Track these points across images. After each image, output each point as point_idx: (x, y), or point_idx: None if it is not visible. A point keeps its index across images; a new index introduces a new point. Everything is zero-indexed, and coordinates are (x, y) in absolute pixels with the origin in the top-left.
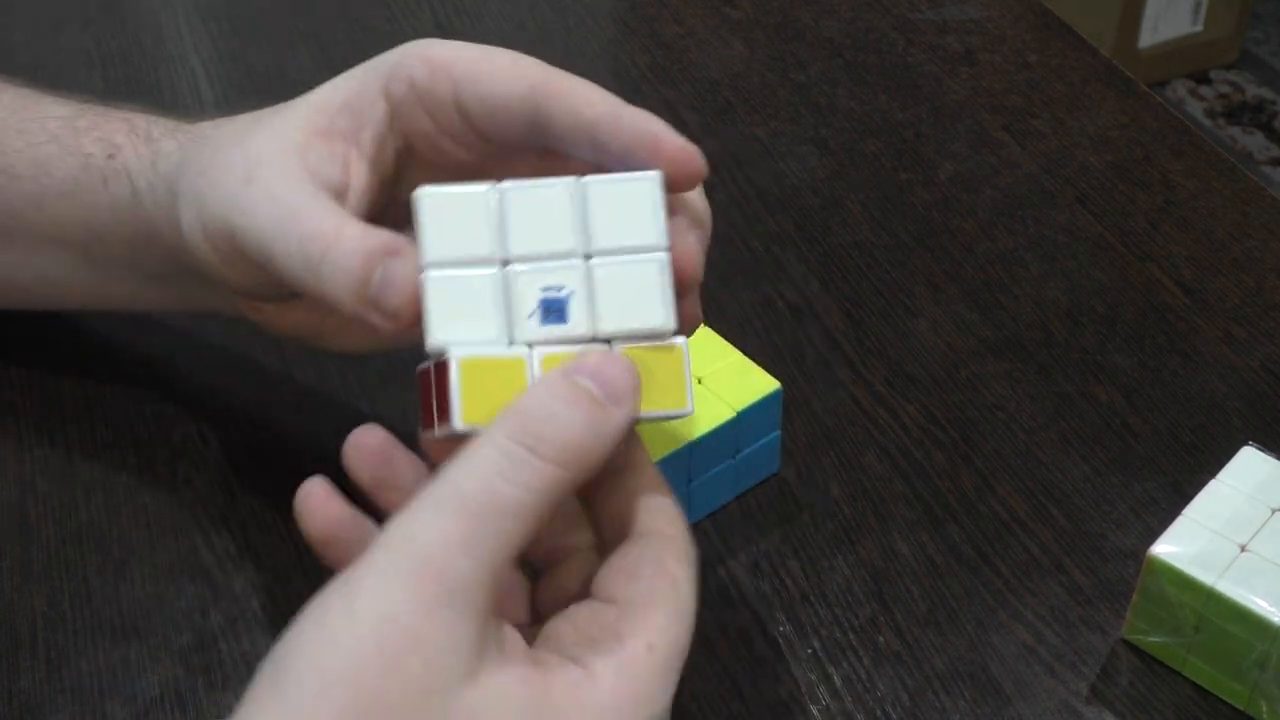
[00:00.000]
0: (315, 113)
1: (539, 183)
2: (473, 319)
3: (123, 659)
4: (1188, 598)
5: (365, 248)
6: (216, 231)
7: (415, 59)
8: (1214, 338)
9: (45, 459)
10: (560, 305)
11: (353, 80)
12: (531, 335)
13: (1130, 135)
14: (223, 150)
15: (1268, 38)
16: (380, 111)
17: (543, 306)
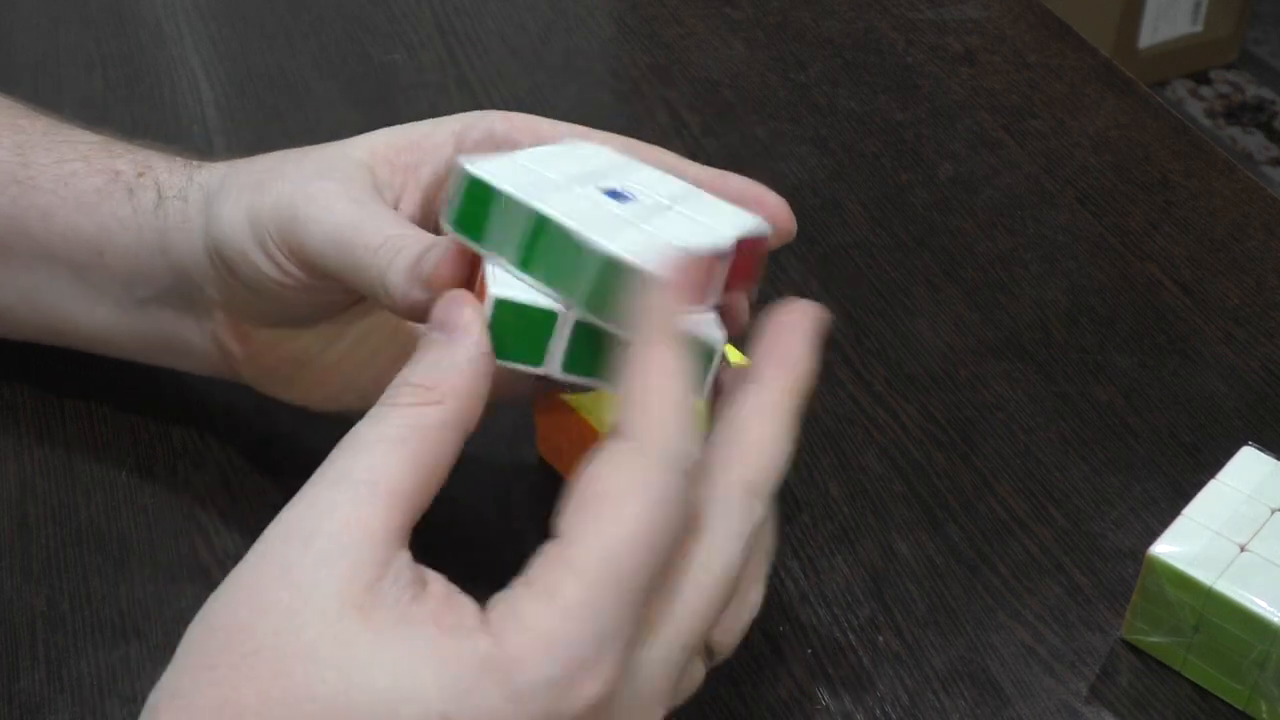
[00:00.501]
0: (383, 144)
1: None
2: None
3: (123, 659)
4: (1187, 597)
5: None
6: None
7: (499, 117)
8: (1214, 338)
9: (45, 459)
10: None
11: (425, 123)
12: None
13: (1130, 135)
14: (291, 156)
15: (1268, 38)
16: (446, 154)
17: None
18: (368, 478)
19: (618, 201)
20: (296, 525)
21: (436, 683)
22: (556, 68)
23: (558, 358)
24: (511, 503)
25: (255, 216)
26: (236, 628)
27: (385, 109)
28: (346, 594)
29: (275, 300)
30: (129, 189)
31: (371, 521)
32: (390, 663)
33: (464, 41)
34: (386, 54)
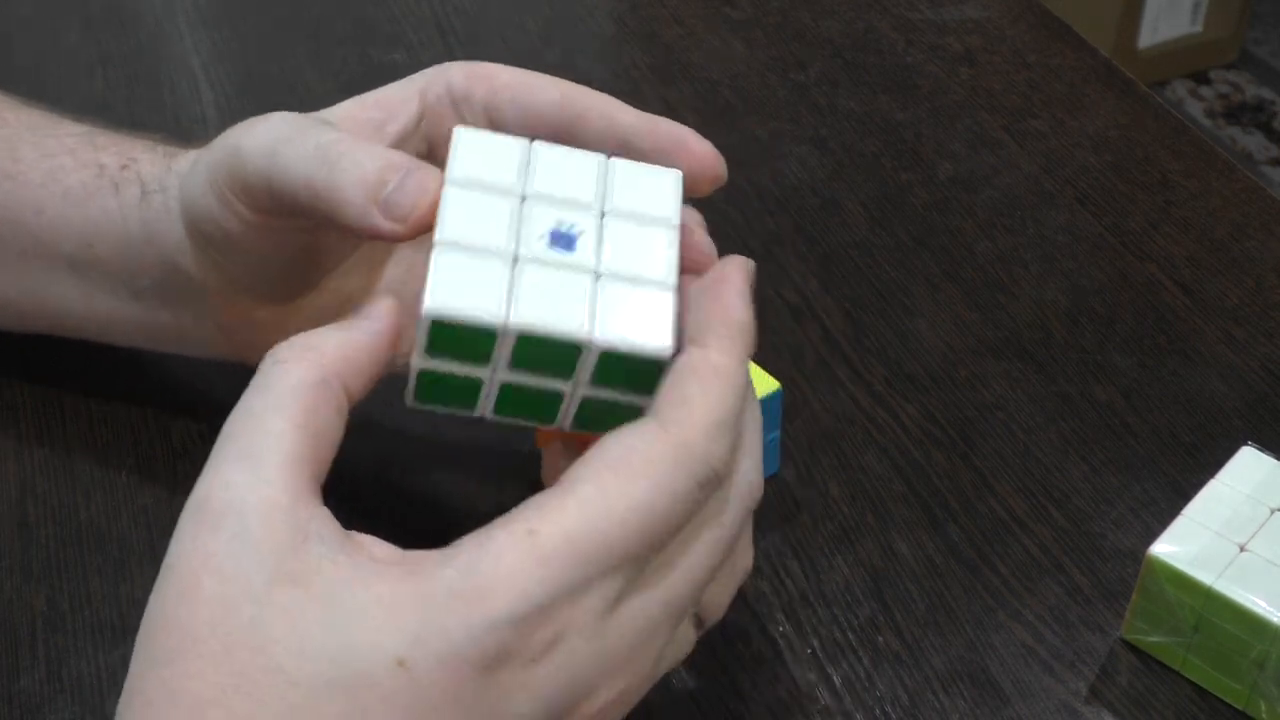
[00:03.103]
0: (348, 105)
1: (571, 149)
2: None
3: (123, 659)
4: (1187, 597)
5: (389, 158)
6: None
7: (457, 68)
8: (1213, 338)
9: (45, 459)
10: (570, 238)
11: (388, 88)
12: (534, 252)
13: (1130, 135)
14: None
15: (1267, 38)
16: (411, 110)
17: (552, 234)
18: (259, 448)
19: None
20: (204, 510)
21: (389, 622)
22: (556, 68)
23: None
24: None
25: (210, 170)
26: (176, 624)
27: None
28: (273, 568)
29: (252, 260)
30: (114, 183)
31: (272, 493)
32: (340, 621)
33: (464, 41)
34: (386, 54)
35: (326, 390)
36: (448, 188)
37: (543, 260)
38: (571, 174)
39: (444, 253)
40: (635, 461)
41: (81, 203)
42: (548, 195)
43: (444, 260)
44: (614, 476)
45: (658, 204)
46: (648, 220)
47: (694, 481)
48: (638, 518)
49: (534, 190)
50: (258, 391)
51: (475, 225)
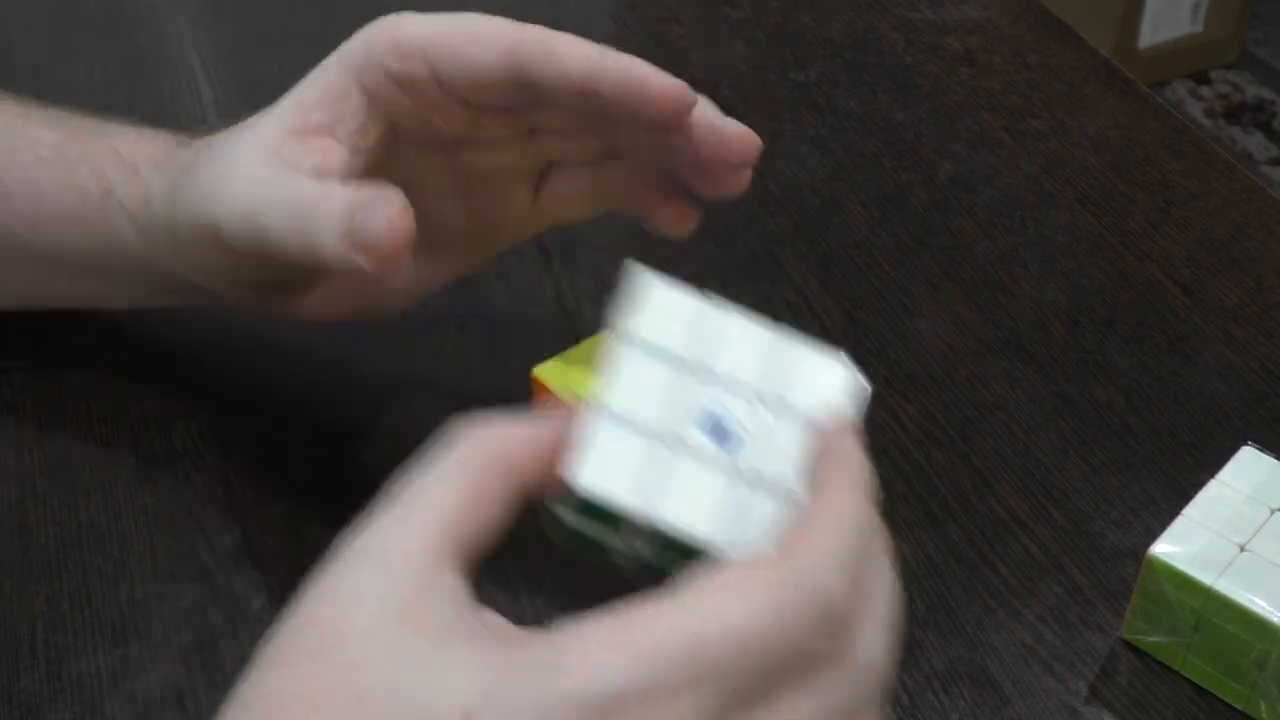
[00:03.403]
0: (288, 114)
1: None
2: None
3: (123, 659)
4: (1187, 597)
5: (352, 197)
6: (206, 236)
7: (384, 45)
8: (1213, 338)
9: (45, 459)
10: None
11: (324, 76)
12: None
13: (1130, 135)
14: (205, 168)
15: (1267, 38)
16: (357, 103)
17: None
18: (415, 504)
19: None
20: (350, 550)
21: (468, 679)
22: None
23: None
24: None
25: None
26: (298, 633)
27: None
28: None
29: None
30: (103, 215)
31: (417, 547)
32: (432, 664)
33: None
34: None
35: (499, 474)
36: (618, 343)
37: (689, 447)
38: (739, 344)
39: (602, 422)
40: (743, 580)
41: (75, 226)
42: (710, 368)
43: (601, 432)
44: (718, 590)
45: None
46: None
47: (803, 612)
48: (735, 633)
49: (698, 359)
50: (432, 459)
51: (634, 395)
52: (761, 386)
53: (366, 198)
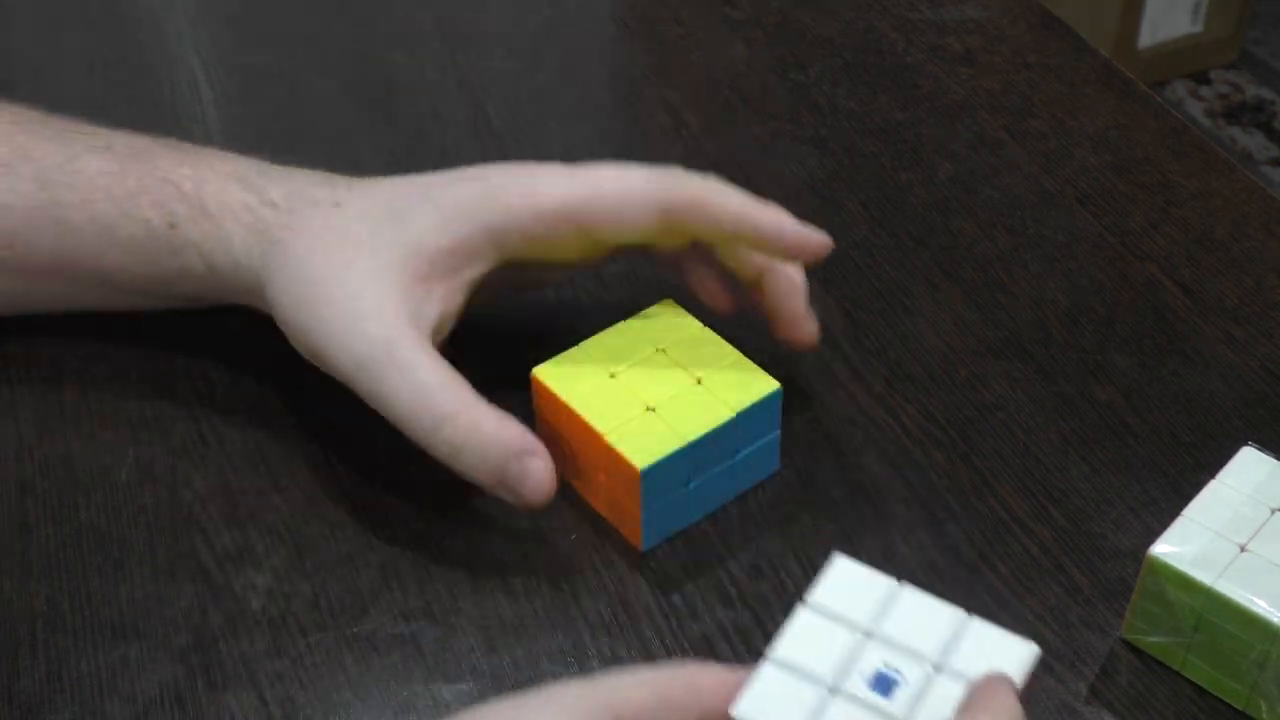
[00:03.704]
0: (416, 259)
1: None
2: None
3: (122, 659)
4: (1187, 598)
5: (505, 445)
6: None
7: (522, 214)
8: (1214, 338)
9: (45, 459)
10: (890, 682)
11: (458, 227)
12: (851, 688)
13: (1130, 135)
14: (318, 285)
15: (1267, 38)
16: (486, 260)
17: (875, 675)
18: None
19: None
20: None
21: None
22: (556, 68)
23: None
24: None
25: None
26: None
27: (385, 109)
28: None
29: None
30: (170, 249)
31: None
32: None
33: (464, 41)
34: (386, 54)
35: None
36: (801, 608)
37: (854, 697)
38: (924, 623)
39: (771, 667)
40: None
41: (143, 260)
42: (891, 638)
43: (767, 674)
44: None
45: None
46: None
47: None
48: None
49: (881, 631)
50: None
51: (809, 649)
52: (940, 658)
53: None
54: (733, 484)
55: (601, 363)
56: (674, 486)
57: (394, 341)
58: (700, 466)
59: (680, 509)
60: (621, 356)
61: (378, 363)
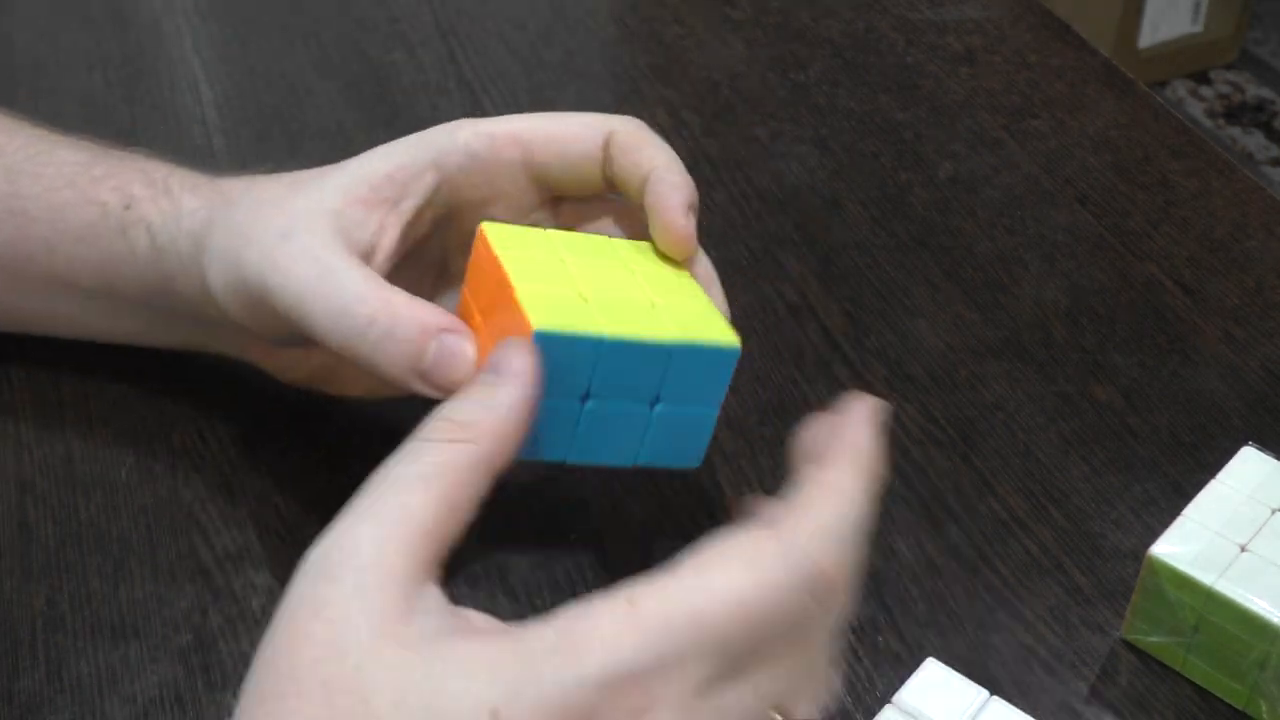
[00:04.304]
0: (357, 181)
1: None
2: None
3: (122, 659)
4: (1187, 598)
5: (421, 322)
6: (251, 287)
7: (469, 134)
8: (1214, 338)
9: (45, 459)
10: None
11: (401, 151)
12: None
13: (1130, 135)
14: (259, 210)
15: (1268, 38)
16: (427, 183)
17: None
18: (393, 515)
19: None
20: (325, 561)
21: (488, 678)
22: (556, 68)
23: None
24: None
25: (238, 287)
26: (283, 662)
27: (385, 109)
28: (378, 626)
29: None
30: (121, 227)
31: (394, 558)
32: (438, 673)
33: (464, 41)
34: (386, 54)
35: (474, 473)
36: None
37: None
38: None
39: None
40: (740, 554)
41: (91, 243)
42: None
43: None
44: (718, 563)
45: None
46: None
47: (798, 581)
48: (736, 604)
49: None
50: (405, 462)
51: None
52: None
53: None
54: (638, 443)
55: (557, 250)
56: (567, 388)
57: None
58: (607, 385)
59: (565, 426)
60: (583, 254)
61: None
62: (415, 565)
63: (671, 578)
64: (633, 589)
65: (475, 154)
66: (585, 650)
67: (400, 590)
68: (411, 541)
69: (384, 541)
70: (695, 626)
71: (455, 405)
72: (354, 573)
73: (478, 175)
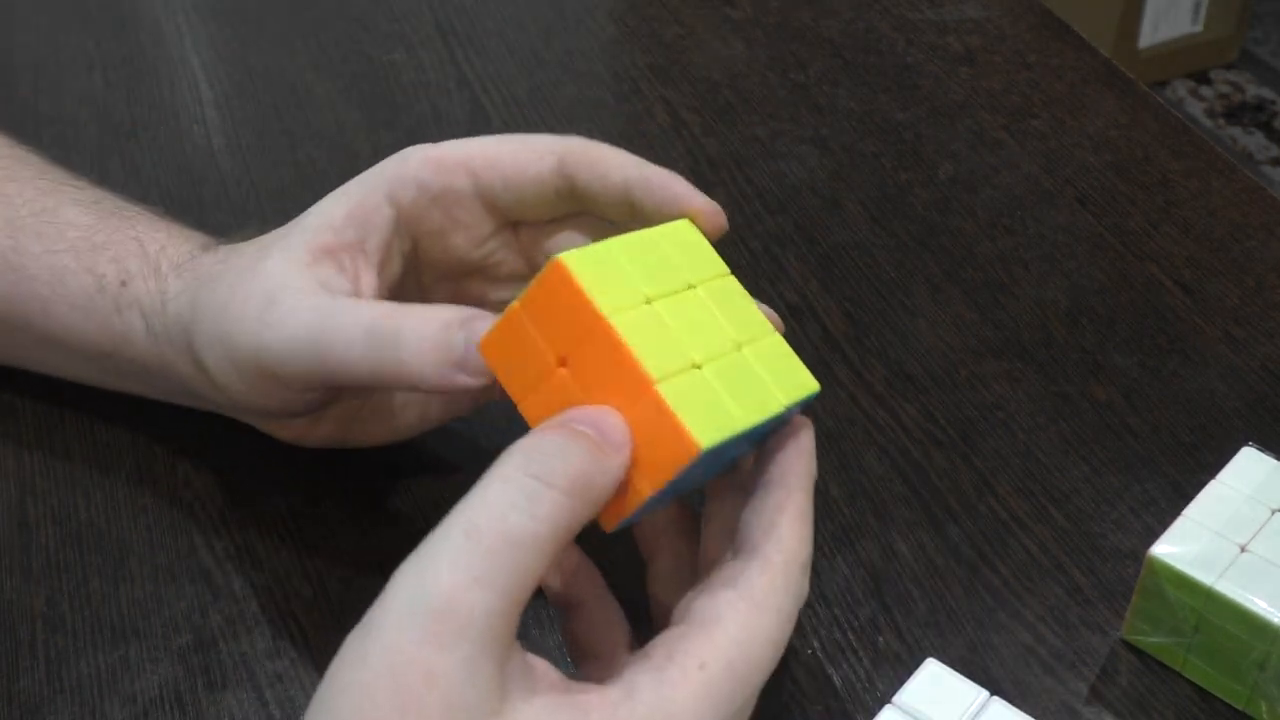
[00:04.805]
0: (317, 232)
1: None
2: None
3: (123, 659)
4: (1187, 598)
5: (441, 316)
6: (248, 363)
7: (418, 163)
8: (1214, 338)
9: (45, 459)
10: None
11: (354, 192)
12: None
13: (1130, 135)
14: (237, 286)
15: (1268, 38)
16: (385, 218)
17: None
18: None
19: None
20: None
21: None
22: (556, 68)
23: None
24: None
25: (238, 366)
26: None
27: (385, 109)
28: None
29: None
30: (116, 305)
31: (505, 630)
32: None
33: (464, 41)
34: (386, 54)
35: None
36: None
37: None
38: None
39: None
40: (760, 594)
41: (88, 315)
42: None
43: None
44: (749, 608)
45: None
46: None
47: (796, 609)
48: (774, 644)
49: None
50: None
51: None
52: None
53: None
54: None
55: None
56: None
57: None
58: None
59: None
60: (654, 278)
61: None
62: (513, 630)
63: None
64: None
65: (425, 184)
66: None
67: (502, 658)
68: (518, 610)
69: (499, 614)
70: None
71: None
72: (468, 644)
73: (431, 205)
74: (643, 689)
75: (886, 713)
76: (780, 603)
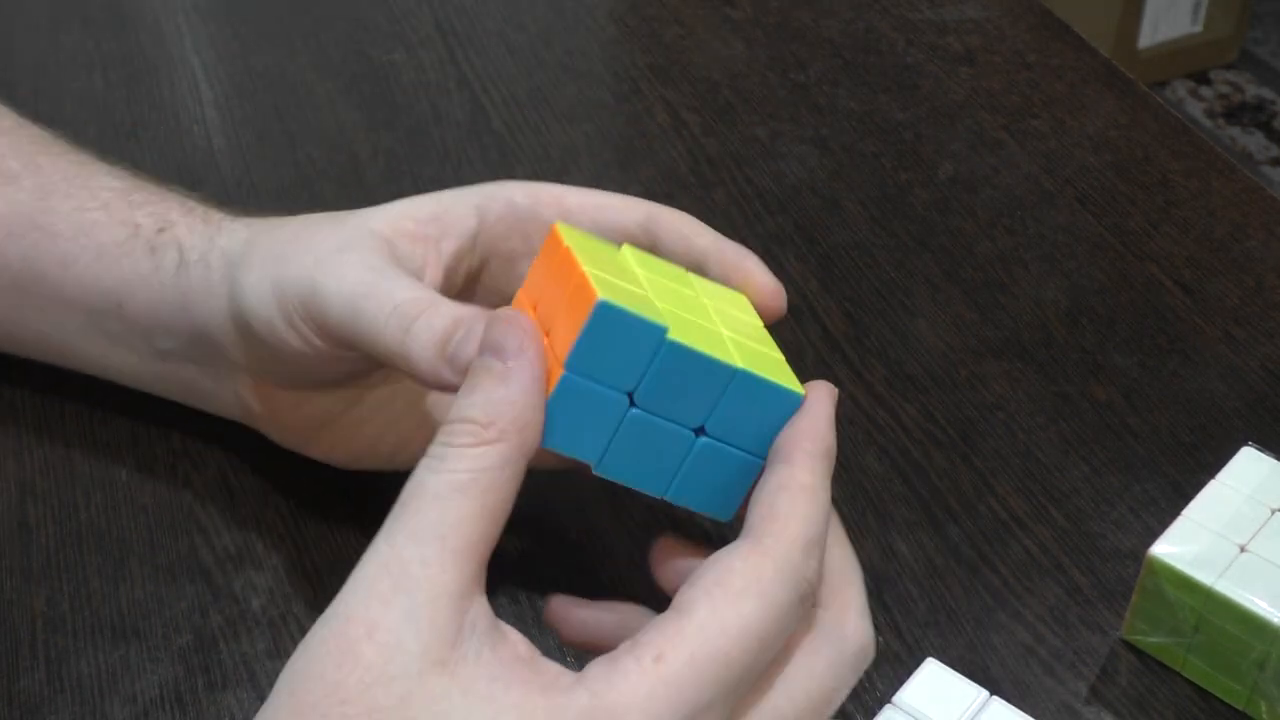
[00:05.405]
0: (403, 215)
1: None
2: None
3: (123, 659)
4: (1187, 598)
5: (456, 313)
6: (289, 295)
7: (514, 186)
8: (1214, 338)
9: (45, 459)
10: None
11: (443, 195)
12: None
13: (1130, 135)
14: (307, 229)
15: (1268, 38)
16: (468, 226)
17: None
18: (436, 532)
19: None
20: (376, 584)
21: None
22: (556, 68)
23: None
24: None
25: (280, 290)
26: (330, 676)
27: (385, 109)
28: (430, 652)
29: (299, 366)
30: (150, 246)
31: (445, 578)
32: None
33: (464, 41)
34: (386, 54)
35: (505, 471)
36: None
37: None
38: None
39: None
40: (745, 584)
41: (114, 261)
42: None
43: None
44: (724, 596)
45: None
46: None
47: (795, 597)
48: (753, 637)
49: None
50: (436, 470)
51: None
52: None
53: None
54: (673, 471)
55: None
56: (616, 376)
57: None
58: (658, 393)
59: (602, 425)
60: (659, 273)
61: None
62: (463, 580)
63: (688, 621)
64: (654, 640)
65: (515, 204)
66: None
67: (451, 608)
68: (457, 557)
69: (430, 562)
70: (720, 667)
71: (469, 401)
72: (405, 595)
73: (515, 227)
74: (594, 679)
75: (886, 712)
76: (767, 589)
